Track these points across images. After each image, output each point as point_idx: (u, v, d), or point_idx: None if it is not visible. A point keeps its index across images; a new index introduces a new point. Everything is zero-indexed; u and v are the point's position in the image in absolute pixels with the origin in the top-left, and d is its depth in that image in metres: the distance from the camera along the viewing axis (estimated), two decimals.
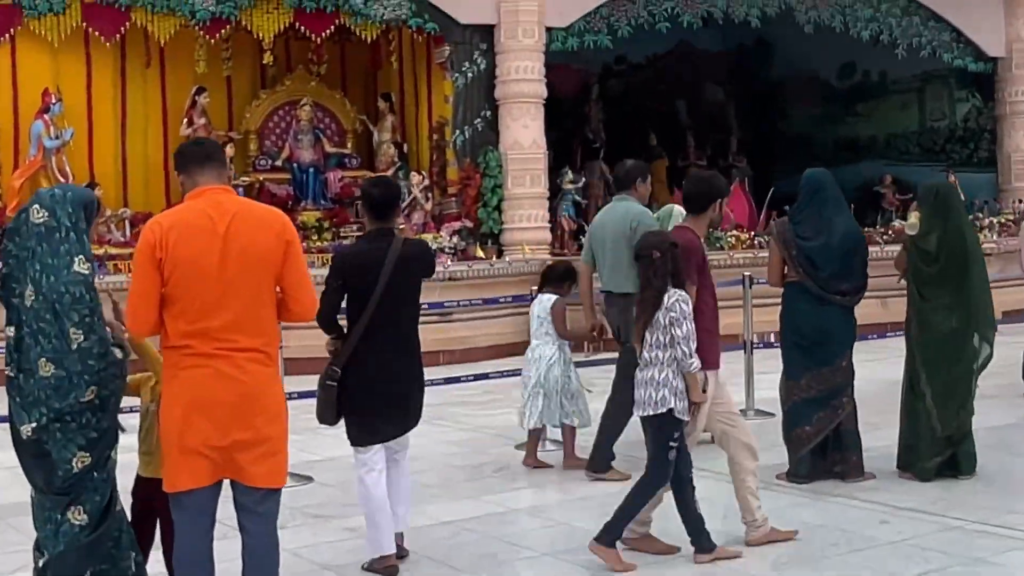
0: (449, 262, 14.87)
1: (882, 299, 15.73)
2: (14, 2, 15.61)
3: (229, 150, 16.52)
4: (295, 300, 4.73)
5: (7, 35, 15.73)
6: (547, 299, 8.76)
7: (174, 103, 17.20)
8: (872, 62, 22.71)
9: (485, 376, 11.07)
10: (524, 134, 16.10)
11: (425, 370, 6.57)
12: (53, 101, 15.58)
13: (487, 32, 16.31)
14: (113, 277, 14.55)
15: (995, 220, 19.30)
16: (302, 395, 7.83)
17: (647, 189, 8.56)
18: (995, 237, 18.40)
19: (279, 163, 17.38)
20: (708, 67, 25.31)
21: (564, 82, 23.03)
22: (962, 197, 17.58)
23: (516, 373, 9.96)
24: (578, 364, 9.10)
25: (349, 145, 17.95)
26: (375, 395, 6.05)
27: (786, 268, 7.81)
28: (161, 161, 17.25)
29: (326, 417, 6.17)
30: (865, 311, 8.43)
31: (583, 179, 17.74)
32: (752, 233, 16.85)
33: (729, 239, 16.29)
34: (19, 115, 15.84)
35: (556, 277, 8.89)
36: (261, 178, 17.17)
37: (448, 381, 10.52)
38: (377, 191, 6.37)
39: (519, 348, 15.66)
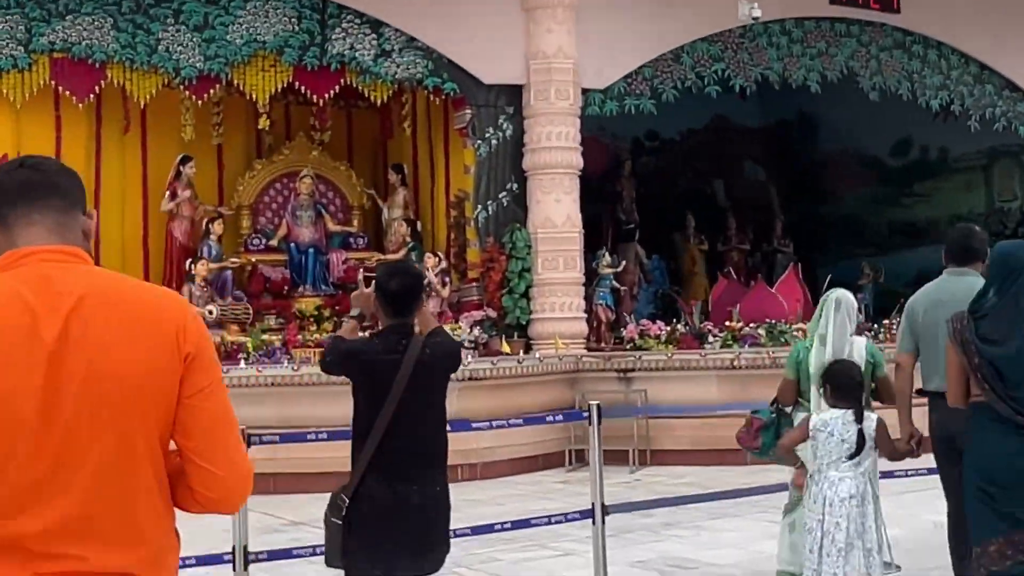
0: (470, 358, 12.54)
1: None
2: None
3: (218, 227, 14.40)
4: (206, 473, 2.40)
5: None
6: (870, 418, 6.16)
7: (156, 173, 15.04)
8: (930, 137, 20.59)
9: (526, 523, 8.33)
10: (556, 209, 13.88)
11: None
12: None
13: (514, 93, 14.18)
14: None
15: None
16: None
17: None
18: None
19: (275, 243, 15.15)
20: (746, 143, 23.26)
21: (593, 158, 20.95)
22: None
23: (568, 516, 7.60)
24: None
25: (355, 223, 15.75)
26: (389, 531, 5.00)
27: (970, 381, 5.45)
28: (140, 239, 15.05)
29: (332, 559, 5.19)
30: None
31: (623, 263, 15.49)
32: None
33: (794, 333, 13.95)
34: None
35: (854, 385, 6.29)
36: (254, 259, 14.93)
37: (477, 531, 7.91)
38: (395, 282, 5.16)
39: (552, 461, 13.45)
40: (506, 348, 12.91)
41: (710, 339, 13.67)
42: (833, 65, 16.05)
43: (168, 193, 14.67)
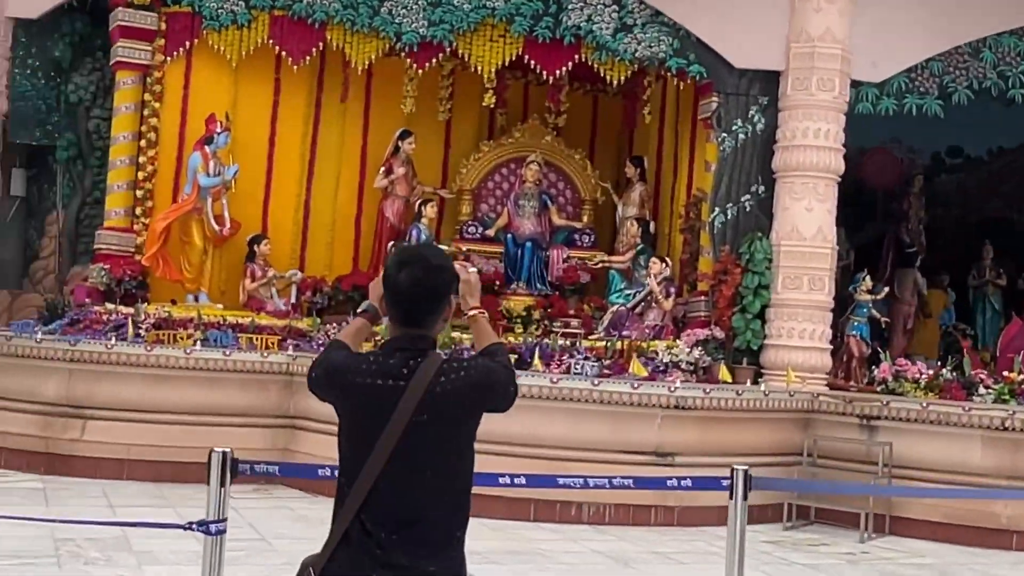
0: (678, 383, 10.65)
1: None
2: (194, 10, 12.77)
3: (430, 210, 13.15)
4: None
5: (182, 49, 12.88)
6: None
7: (375, 148, 13.84)
8: None
9: None
10: (807, 220, 11.76)
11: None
12: (218, 130, 12.52)
13: (770, 81, 12.15)
14: (245, 355, 11.23)
15: None
16: None
17: None
18: None
19: (492, 232, 13.68)
20: None
21: (882, 171, 18.53)
22: None
23: None
24: None
25: (585, 218, 14.06)
26: None
27: None
28: (352, 216, 13.91)
29: None
30: None
31: (885, 289, 13.14)
32: None
33: None
34: (185, 144, 12.85)
35: None
36: (464, 248, 13.51)
37: None
38: (404, 275, 3.49)
39: (768, 514, 11.31)
40: (726, 376, 10.93)
41: (981, 390, 11.21)
42: None
43: (383, 169, 13.47)
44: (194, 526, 4.72)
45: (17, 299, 13.24)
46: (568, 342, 11.57)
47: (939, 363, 12.06)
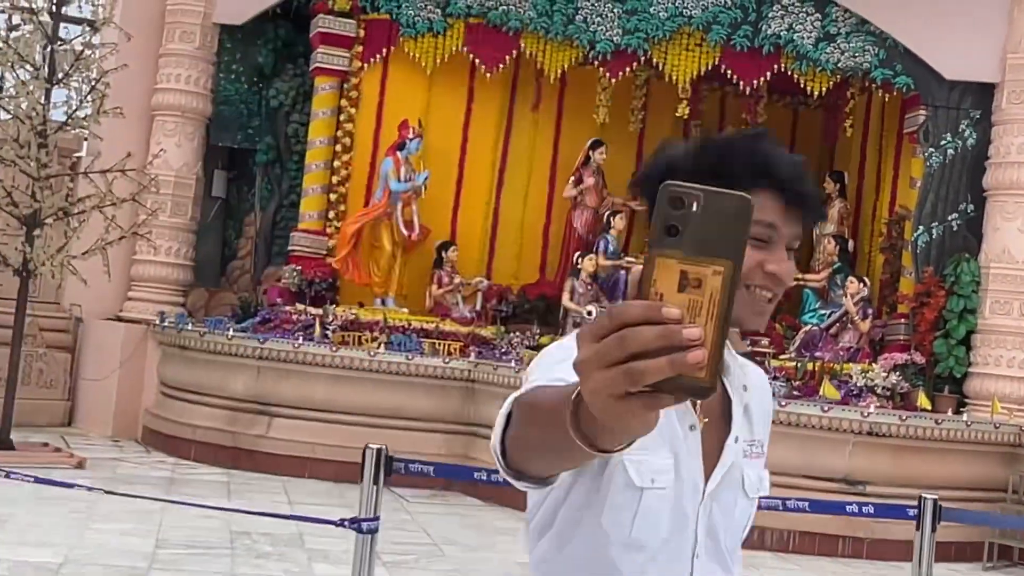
0: (872, 408, 10.08)
1: None
2: (392, 17, 12.86)
3: (619, 222, 12.85)
4: None
5: (379, 55, 12.99)
6: None
7: (566, 157, 13.65)
8: None
9: None
10: (1019, 241, 11.02)
11: None
12: (411, 136, 12.56)
13: (983, 94, 11.45)
14: (427, 360, 11.18)
15: None
16: None
17: None
18: None
19: None
20: None
21: None
22: None
23: None
24: None
25: None
26: None
27: None
28: (541, 226, 13.75)
29: None
30: None
31: None
32: None
33: None
34: (379, 150, 12.94)
35: None
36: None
37: None
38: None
39: (969, 552, 10.66)
40: (925, 403, 10.28)
41: None
42: None
43: (573, 179, 13.28)
44: (346, 523, 4.56)
45: (214, 296, 13.53)
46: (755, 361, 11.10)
47: None
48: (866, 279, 11.88)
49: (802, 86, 12.06)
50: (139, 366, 12.70)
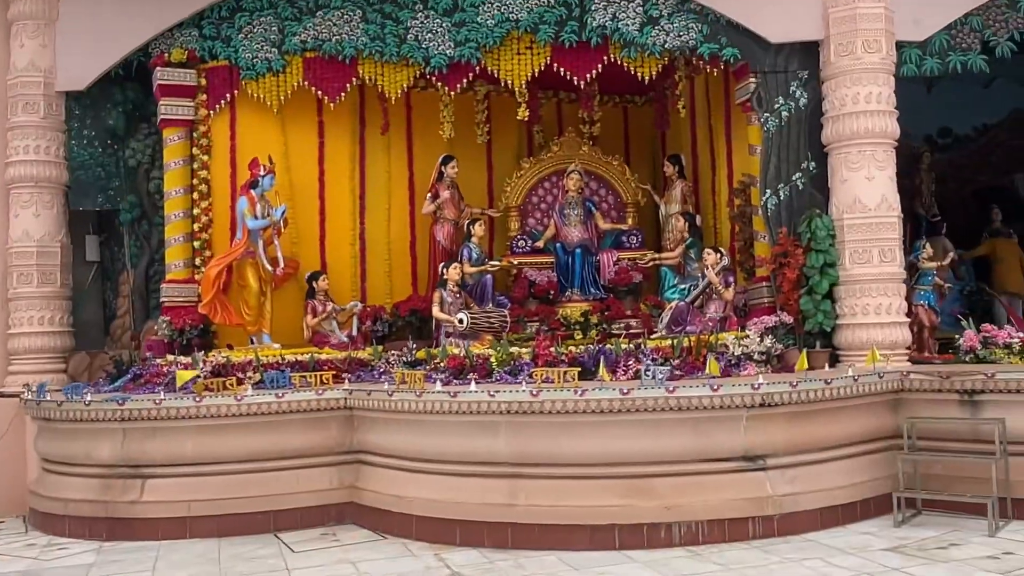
0: (762, 379, 7.03)
1: None
2: (231, 62, 9.44)
3: (479, 229, 9.62)
4: None
5: (224, 101, 9.55)
6: None
7: (422, 176, 10.38)
8: None
9: None
10: (868, 189, 8.08)
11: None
12: (262, 173, 9.16)
13: (809, 53, 8.49)
14: (299, 395, 7.77)
15: None
16: None
17: None
18: None
19: (541, 244, 10.17)
20: None
21: None
22: None
23: None
24: None
25: (629, 220, 10.49)
26: None
27: None
28: (407, 244, 10.44)
29: None
30: None
31: (951, 255, 9.40)
32: None
33: None
34: (237, 192, 9.49)
35: None
36: (515, 262, 10.01)
37: None
38: None
39: (874, 508, 7.07)
40: (803, 363, 7.25)
41: None
42: None
43: (430, 195, 10.04)
44: None
45: (96, 359, 9.96)
46: (632, 345, 7.99)
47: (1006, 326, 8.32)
48: (722, 249, 8.86)
49: (632, 72, 8.94)
50: (20, 441, 9.08)
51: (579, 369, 7.21)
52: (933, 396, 7.42)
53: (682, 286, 9.14)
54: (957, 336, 8.13)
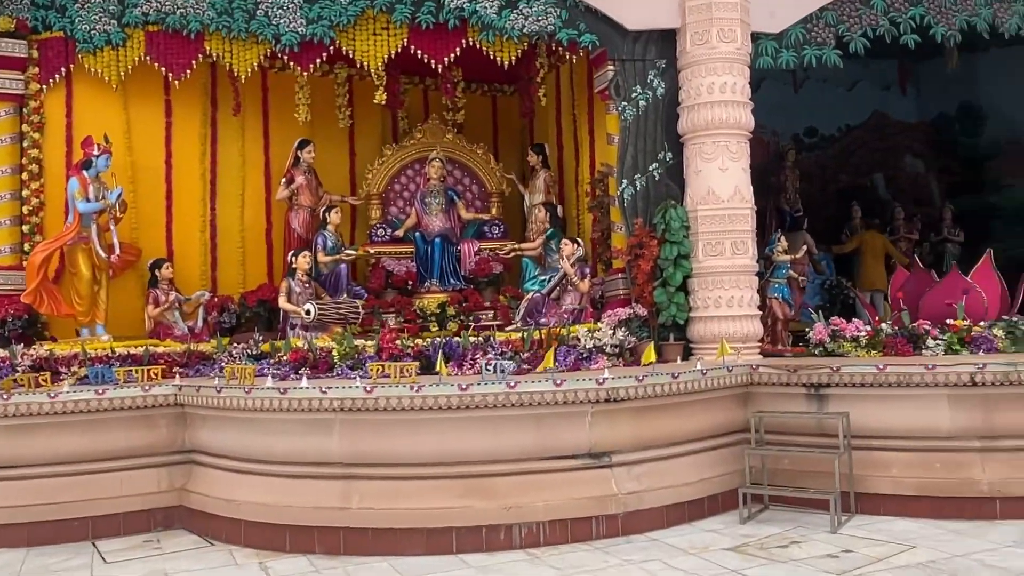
0: (607, 373, 6.51)
1: None
2: (67, 34, 8.42)
3: (335, 217, 8.83)
4: None
5: (58, 75, 8.53)
6: None
7: (279, 161, 9.55)
8: None
9: None
10: (722, 180, 7.65)
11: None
12: (96, 153, 8.20)
13: (666, 42, 8.02)
14: (123, 392, 6.88)
15: None
16: None
17: None
18: None
19: (400, 233, 9.49)
20: (906, 138, 16.20)
21: (752, 153, 14.74)
22: None
23: None
24: None
25: (493, 210, 9.90)
26: None
27: None
28: (262, 231, 9.61)
29: None
30: None
31: (803, 248, 9.07)
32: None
33: None
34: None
35: None
36: (372, 251, 9.30)
37: None
38: None
39: (721, 504, 6.58)
40: (650, 356, 6.77)
41: (929, 342, 7.21)
42: None
43: (284, 180, 9.23)
44: None
45: None
46: (481, 338, 7.38)
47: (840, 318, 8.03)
48: (580, 240, 8.35)
49: (492, 57, 8.32)
50: None
51: (418, 364, 6.56)
52: (782, 390, 7.06)
53: (542, 277, 8.60)
54: (808, 329, 7.80)
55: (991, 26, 8.94)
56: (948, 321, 7.42)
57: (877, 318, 7.96)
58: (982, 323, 7.33)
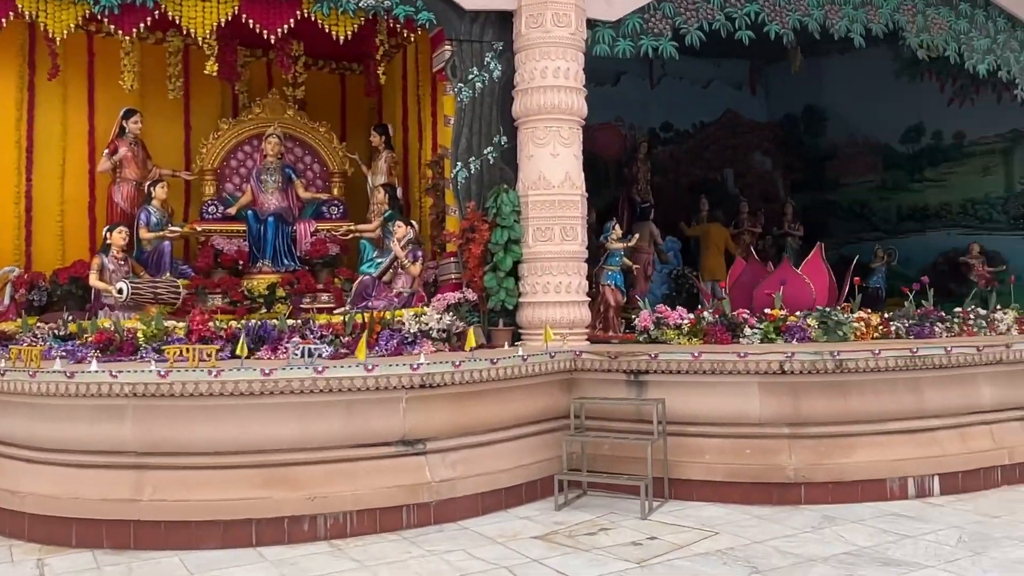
0: (423, 358, 6.20)
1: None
2: None
3: (160, 191, 8.19)
4: None
5: None
6: None
7: (106, 132, 8.82)
8: (944, 123, 13.86)
9: None
10: (553, 166, 7.43)
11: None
12: None
13: (503, 23, 7.74)
14: None
15: None
16: None
17: None
18: None
19: (233, 211, 8.92)
20: (755, 136, 16.57)
21: (610, 144, 14.82)
22: None
23: None
24: None
25: (335, 191, 9.44)
26: None
27: None
28: (85, 204, 8.88)
29: None
30: None
31: (635, 236, 8.94)
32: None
33: (852, 323, 7.39)
34: None
35: None
36: (203, 228, 8.71)
37: None
38: None
39: (540, 490, 6.36)
40: (472, 342, 6.51)
41: (746, 331, 7.21)
42: (878, 17, 9.35)
43: (107, 151, 8.52)
44: None
45: None
46: (300, 321, 6.96)
47: (678, 307, 8.00)
48: (414, 222, 8.00)
49: (327, 31, 7.85)
50: None
51: (227, 348, 6.09)
52: (604, 376, 6.92)
53: (380, 260, 8.22)
54: (633, 316, 7.70)
55: (823, 27, 9.05)
56: (766, 311, 7.45)
57: (701, 307, 7.92)
58: (798, 313, 7.39)
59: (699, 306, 8.01)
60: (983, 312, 7.95)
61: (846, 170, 15.40)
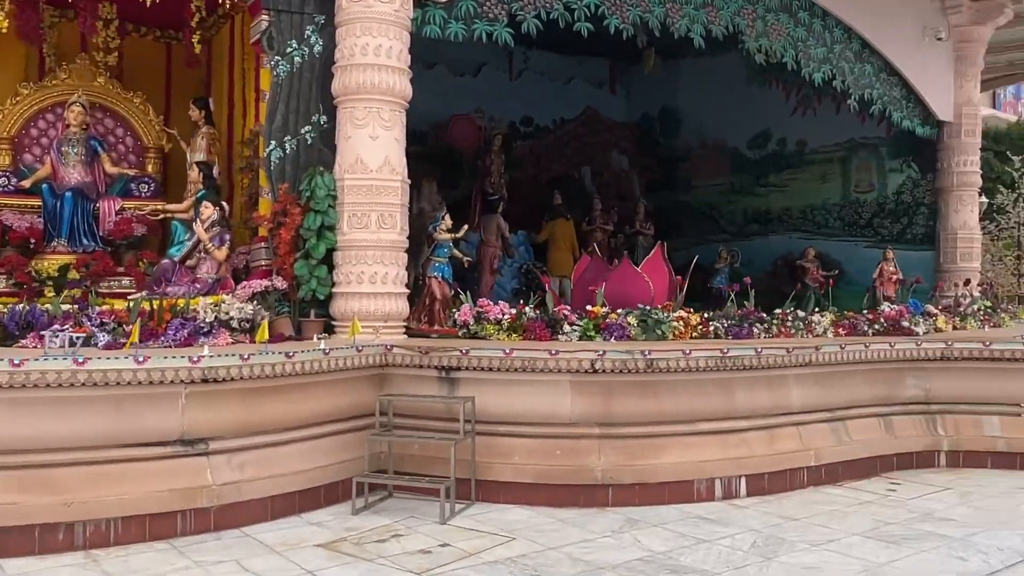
0: (206, 350, 5.59)
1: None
2: None
3: None
4: None
5: None
6: None
7: None
8: (789, 130, 14.17)
9: None
10: (371, 149, 6.91)
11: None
12: None
13: None
14: None
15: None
16: None
17: None
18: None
19: (27, 184, 8.01)
20: (613, 135, 16.57)
21: (467, 137, 14.49)
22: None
23: None
24: None
25: (150, 167, 8.63)
26: None
27: None
28: None
29: None
30: None
31: (464, 227, 8.53)
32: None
33: (671, 322, 7.20)
34: None
35: None
36: None
37: None
38: None
39: (347, 492, 5.79)
40: (263, 335, 5.94)
41: (566, 328, 6.92)
42: (719, 19, 9.27)
43: None
44: None
45: None
46: (77, 307, 6.22)
47: (521, 301, 7.67)
48: (224, 204, 7.34)
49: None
50: None
51: None
52: (416, 372, 6.48)
53: (190, 242, 7.51)
54: (455, 310, 7.30)
55: (663, 25, 8.89)
56: (588, 307, 7.19)
57: (523, 303, 7.59)
58: (619, 311, 7.15)
59: (534, 302, 7.68)
60: (801, 314, 7.95)
61: (698, 172, 15.55)
